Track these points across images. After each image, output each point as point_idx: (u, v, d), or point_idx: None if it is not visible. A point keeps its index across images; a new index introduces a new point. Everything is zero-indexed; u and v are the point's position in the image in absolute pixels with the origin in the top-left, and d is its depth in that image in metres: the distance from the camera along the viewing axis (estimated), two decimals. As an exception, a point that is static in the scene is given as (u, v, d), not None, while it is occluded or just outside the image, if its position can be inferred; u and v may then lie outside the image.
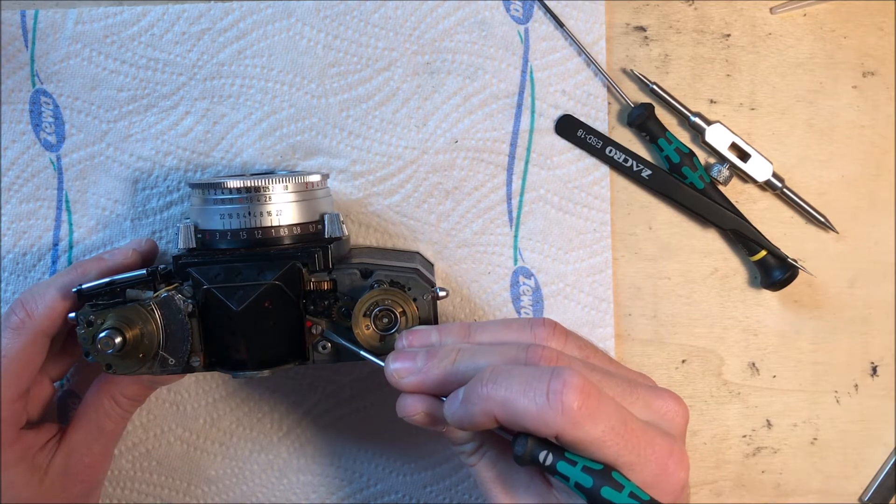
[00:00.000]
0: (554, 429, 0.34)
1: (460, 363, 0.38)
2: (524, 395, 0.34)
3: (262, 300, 0.41)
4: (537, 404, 0.34)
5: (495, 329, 0.40)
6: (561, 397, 0.34)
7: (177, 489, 0.54)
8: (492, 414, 0.35)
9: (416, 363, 0.39)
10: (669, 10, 0.52)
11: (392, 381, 0.39)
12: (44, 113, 0.51)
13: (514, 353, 0.37)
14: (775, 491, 0.54)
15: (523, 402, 0.34)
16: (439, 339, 0.40)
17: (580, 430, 0.34)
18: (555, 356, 0.37)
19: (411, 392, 0.39)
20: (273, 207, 0.44)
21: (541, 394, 0.34)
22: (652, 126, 0.51)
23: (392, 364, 0.39)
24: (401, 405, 0.39)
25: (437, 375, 0.38)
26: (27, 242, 0.52)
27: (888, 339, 0.54)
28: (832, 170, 0.53)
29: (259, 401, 0.54)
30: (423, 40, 0.51)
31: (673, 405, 0.38)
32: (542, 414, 0.34)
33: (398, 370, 0.39)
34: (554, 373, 0.35)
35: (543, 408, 0.34)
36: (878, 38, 0.52)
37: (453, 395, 0.37)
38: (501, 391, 0.35)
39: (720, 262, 0.53)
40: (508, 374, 0.36)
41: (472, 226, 0.52)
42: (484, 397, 0.35)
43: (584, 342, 0.40)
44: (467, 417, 0.36)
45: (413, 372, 0.39)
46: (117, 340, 0.40)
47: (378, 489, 0.54)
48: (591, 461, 0.34)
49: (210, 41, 0.51)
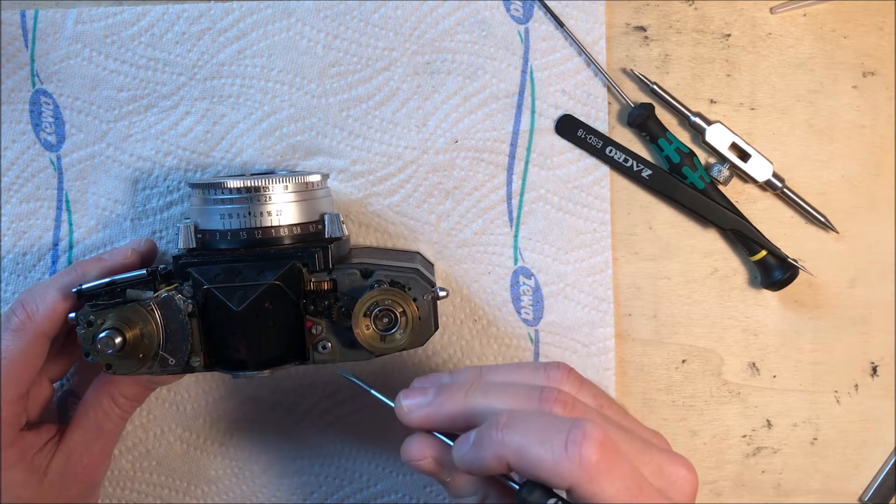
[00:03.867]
0: (569, 481, 0.33)
1: (472, 399, 0.37)
2: (541, 444, 0.33)
3: (262, 300, 0.41)
4: (554, 454, 0.33)
5: (507, 371, 0.39)
6: (580, 449, 0.33)
7: (177, 489, 0.54)
8: (504, 460, 0.34)
9: (426, 397, 0.38)
10: (669, 10, 0.52)
11: (402, 417, 0.39)
12: (44, 113, 0.51)
13: (527, 393, 0.37)
14: (775, 491, 0.54)
15: (539, 451, 0.33)
16: (451, 380, 0.40)
17: (595, 486, 0.33)
18: (571, 402, 0.36)
19: (419, 426, 0.38)
20: (273, 207, 0.44)
21: (559, 444, 0.33)
22: (652, 126, 0.51)
23: (403, 400, 0.39)
24: (407, 449, 0.38)
25: (448, 410, 0.37)
26: (27, 242, 0.52)
27: (888, 339, 0.54)
28: (832, 170, 0.53)
29: (259, 401, 0.54)
30: (423, 40, 0.51)
31: (685, 473, 0.36)
32: (559, 464, 0.33)
33: (409, 406, 0.38)
34: (574, 423, 0.34)
35: (561, 458, 0.33)
36: (878, 38, 0.52)
37: (464, 437, 0.36)
38: (517, 437, 0.34)
39: (720, 262, 0.53)
40: (525, 420, 0.35)
41: (472, 226, 0.52)
42: (498, 442, 0.34)
43: (597, 390, 0.39)
44: (477, 461, 0.35)
45: (423, 406, 0.38)
46: (117, 340, 0.40)
47: (378, 489, 0.54)
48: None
49: (210, 41, 0.51)
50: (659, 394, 0.54)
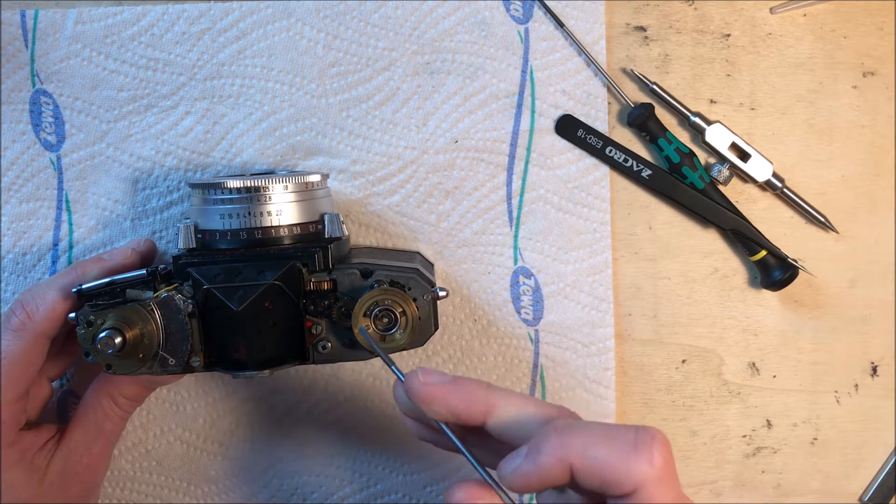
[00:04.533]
0: (637, 481, 0.32)
1: (494, 393, 0.36)
2: (608, 444, 0.33)
3: (262, 300, 0.41)
4: (623, 454, 0.32)
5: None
6: (651, 448, 0.32)
7: (177, 489, 0.54)
8: (568, 463, 0.33)
9: (444, 377, 0.37)
10: (669, 10, 0.52)
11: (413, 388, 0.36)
12: (44, 113, 0.51)
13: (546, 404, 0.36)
14: (775, 491, 0.54)
15: (607, 451, 0.32)
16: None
17: (661, 490, 0.32)
18: None
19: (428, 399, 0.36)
20: (273, 207, 0.44)
21: (628, 444, 0.32)
22: (652, 126, 0.51)
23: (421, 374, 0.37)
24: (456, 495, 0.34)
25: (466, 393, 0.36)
26: (27, 242, 0.52)
27: (888, 339, 0.54)
28: (832, 170, 0.53)
29: (259, 401, 0.54)
30: (423, 40, 0.51)
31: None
32: (628, 462, 0.32)
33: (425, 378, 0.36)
34: (639, 427, 0.33)
35: (630, 456, 0.32)
36: (878, 38, 0.52)
37: (514, 453, 0.34)
38: (581, 438, 0.33)
39: (720, 262, 0.53)
40: (586, 425, 0.34)
41: (472, 226, 0.52)
42: (560, 445, 0.33)
43: None
44: (536, 470, 0.33)
45: (440, 383, 0.36)
46: (117, 340, 0.40)
47: (378, 489, 0.54)
48: None
49: (210, 41, 0.51)
50: (659, 394, 0.54)
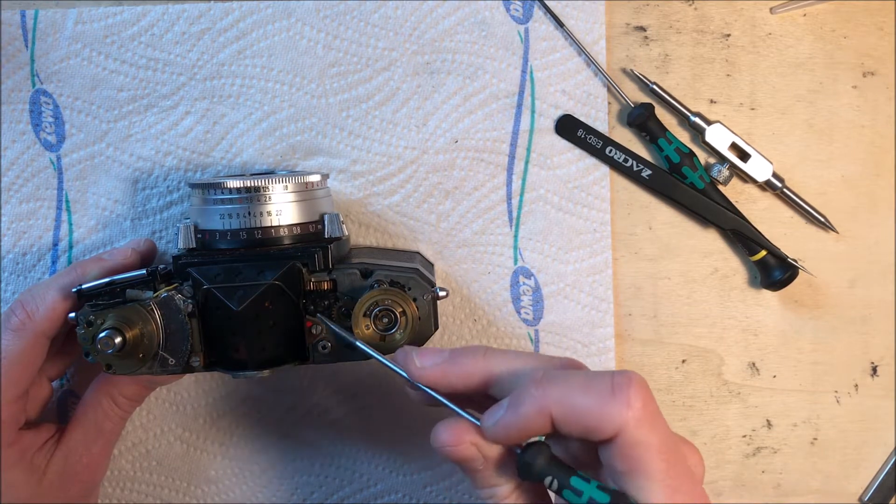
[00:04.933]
0: (618, 424, 0.32)
1: (490, 359, 0.36)
2: (586, 392, 0.33)
3: (262, 300, 0.41)
4: (601, 399, 0.32)
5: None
6: (627, 392, 0.33)
7: (177, 489, 0.54)
8: (548, 412, 0.33)
9: (441, 355, 0.37)
10: (669, 10, 0.52)
11: (413, 373, 0.37)
12: (44, 113, 0.51)
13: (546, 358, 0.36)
14: (775, 491, 0.54)
15: (585, 399, 0.33)
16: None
17: (642, 430, 0.32)
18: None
19: (432, 382, 0.36)
20: (273, 207, 0.44)
21: (605, 389, 0.33)
22: (652, 126, 0.51)
23: (416, 358, 0.37)
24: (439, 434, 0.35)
25: (465, 367, 0.36)
26: (27, 242, 0.52)
27: (888, 339, 0.54)
28: (832, 170, 0.53)
29: (259, 401, 0.54)
30: (423, 40, 0.51)
31: (697, 456, 0.36)
32: (607, 408, 0.32)
33: (422, 362, 0.36)
34: (616, 372, 0.33)
35: (608, 402, 0.32)
36: (878, 38, 0.52)
37: (496, 405, 0.35)
38: (559, 389, 0.33)
39: (720, 262, 0.53)
40: (564, 374, 0.34)
41: (472, 226, 0.52)
42: (539, 395, 0.33)
43: None
44: (516, 422, 0.34)
45: (437, 363, 0.36)
46: (117, 340, 0.40)
47: (378, 489, 0.54)
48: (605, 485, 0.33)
49: (210, 41, 0.51)
50: (659, 394, 0.54)
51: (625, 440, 0.33)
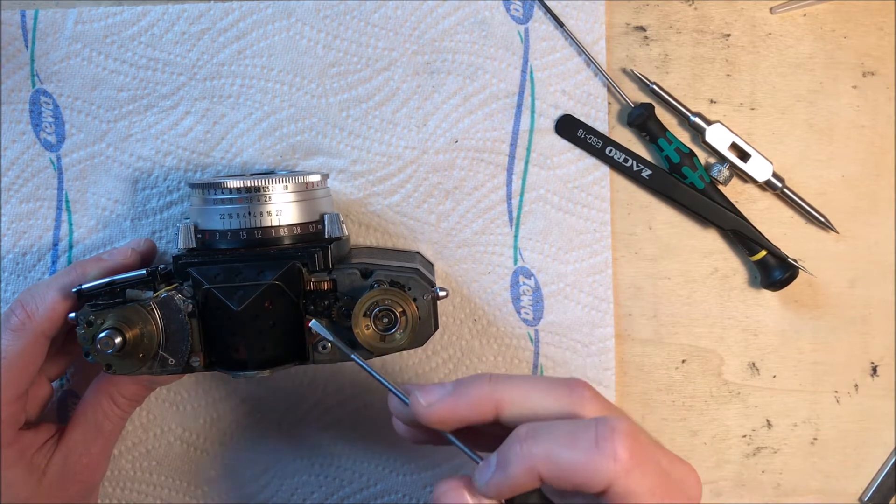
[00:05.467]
0: (606, 478, 0.32)
1: (497, 386, 0.36)
2: (571, 447, 0.33)
3: (262, 300, 0.41)
4: (587, 454, 0.32)
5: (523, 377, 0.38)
6: (611, 443, 0.32)
7: (177, 489, 0.54)
8: (535, 471, 0.33)
9: (445, 389, 0.36)
10: (669, 10, 0.52)
11: (419, 413, 0.36)
12: (44, 113, 0.51)
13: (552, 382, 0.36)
14: (775, 491, 0.54)
15: (570, 454, 0.32)
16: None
17: (632, 480, 0.32)
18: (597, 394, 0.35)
19: (439, 421, 0.36)
20: (273, 207, 0.44)
21: (589, 442, 0.32)
22: (652, 126, 0.51)
23: (421, 396, 0.36)
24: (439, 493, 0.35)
25: (472, 399, 0.36)
26: (27, 242, 0.52)
27: (888, 339, 0.54)
28: (832, 170, 0.53)
29: (259, 401, 0.54)
30: (423, 40, 0.51)
31: (693, 477, 0.36)
32: (593, 462, 0.32)
33: (428, 400, 0.36)
34: (599, 421, 0.33)
35: (593, 456, 0.32)
36: (878, 38, 0.52)
37: (483, 464, 0.35)
38: (543, 445, 0.33)
39: (720, 262, 0.53)
40: (547, 427, 0.34)
41: (472, 226, 0.52)
42: (524, 455, 0.33)
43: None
44: (507, 481, 0.33)
45: (443, 398, 0.36)
46: (117, 340, 0.40)
47: (378, 489, 0.54)
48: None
49: (210, 41, 0.51)
50: (659, 394, 0.54)
51: (616, 492, 0.32)
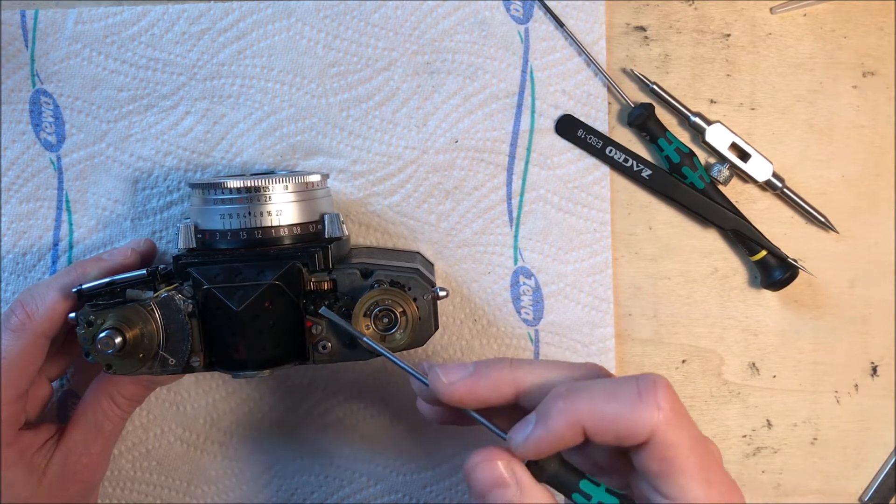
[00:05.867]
0: (650, 426, 0.33)
1: (518, 369, 0.36)
2: (613, 399, 0.33)
3: (262, 300, 0.41)
4: (631, 405, 0.33)
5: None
6: (654, 395, 0.33)
7: (177, 489, 0.54)
8: (579, 424, 0.33)
9: (466, 369, 0.36)
10: (669, 10, 0.52)
11: (440, 391, 0.36)
12: (44, 113, 0.51)
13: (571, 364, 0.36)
14: (775, 491, 0.54)
15: (614, 406, 0.33)
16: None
17: (673, 431, 0.33)
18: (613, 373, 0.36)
19: (460, 399, 0.36)
20: (273, 207, 0.44)
21: (632, 395, 0.33)
22: (652, 126, 0.51)
23: (442, 375, 0.36)
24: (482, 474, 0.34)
25: (493, 380, 0.36)
26: (27, 242, 0.52)
27: (888, 339, 0.54)
28: (832, 170, 0.53)
29: (259, 401, 0.54)
30: (423, 40, 0.51)
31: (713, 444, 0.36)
32: (637, 412, 0.33)
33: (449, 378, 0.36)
34: (638, 377, 0.34)
35: (637, 406, 0.33)
36: (878, 38, 0.52)
37: (520, 424, 0.35)
38: (585, 399, 0.33)
39: (720, 262, 0.53)
40: (587, 385, 0.34)
41: (472, 226, 0.52)
42: (567, 409, 0.33)
43: None
44: (548, 435, 0.34)
45: (464, 377, 0.36)
46: (117, 340, 0.40)
47: (378, 489, 0.54)
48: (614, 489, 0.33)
49: (210, 41, 0.51)
50: (659, 394, 0.54)
51: (657, 442, 0.33)
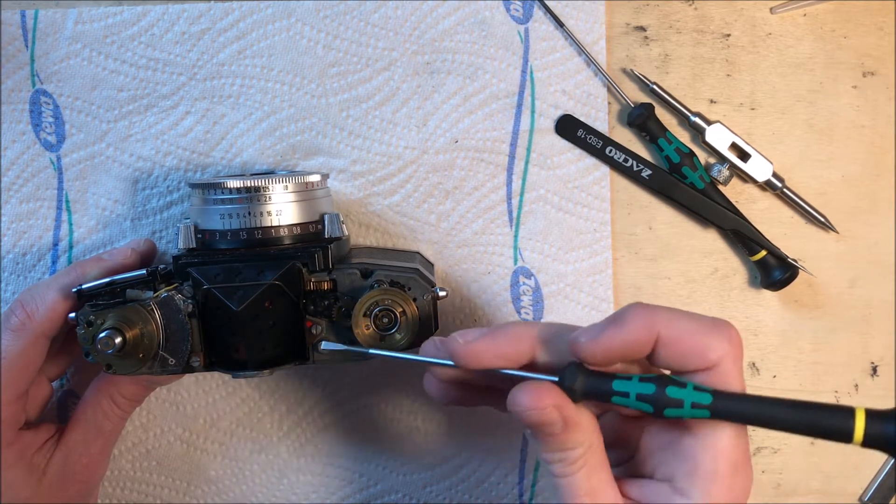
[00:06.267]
0: (719, 354, 0.33)
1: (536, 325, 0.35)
2: (692, 320, 0.34)
3: (262, 300, 0.41)
4: (707, 327, 0.33)
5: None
6: (729, 330, 0.34)
7: (177, 489, 0.54)
8: (655, 332, 0.33)
9: (482, 330, 0.35)
10: (669, 10, 0.52)
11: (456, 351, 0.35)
12: (44, 113, 0.51)
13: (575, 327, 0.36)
14: (775, 491, 0.54)
15: (693, 323, 0.34)
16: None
17: (737, 366, 0.34)
18: None
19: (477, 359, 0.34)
20: (273, 207, 0.44)
21: (708, 321, 0.34)
22: (652, 126, 0.51)
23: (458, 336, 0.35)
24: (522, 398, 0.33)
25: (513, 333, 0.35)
26: (27, 242, 0.52)
27: (888, 339, 0.54)
28: (832, 170, 0.53)
29: (259, 401, 0.54)
30: (423, 40, 0.51)
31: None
32: (711, 336, 0.33)
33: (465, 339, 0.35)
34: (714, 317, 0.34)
35: (712, 331, 0.33)
36: (878, 38, 0.52)
37: (590, 325, 0.34)
38: (664, 312, 0.34)
39: (720, 262, 0.53)
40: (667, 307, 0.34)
41: (472, 226, 0.52)
42: (646, 314, 0.33)
43: None
44: (621, 337, 0.33)
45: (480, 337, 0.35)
46: (117, 340, 0.40)
47: (378, 489, 0.54)
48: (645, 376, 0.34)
49: (210, 41, 0.51)
50: (659, 394, 0.54)
51: (723, 370, 0.33)
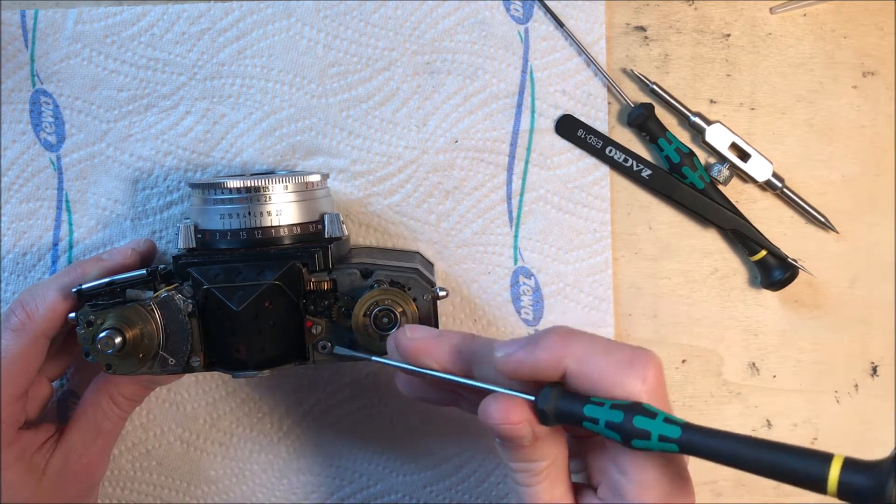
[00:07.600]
0: (630, 394, 0.33)
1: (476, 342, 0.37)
2: (606, 355, 0.33)
3: (262, 300, 0.41)
4: (621, 367, 0.33)
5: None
6: (644, 367, 0.33)
7: (177, 489, 0.54)
8: (562, 364, 0.33)
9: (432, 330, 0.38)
10: (669, 10, 0.52)
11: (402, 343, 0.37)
12: (44, 113, 0.51)
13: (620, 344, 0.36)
14: (775, 491, 0.54)
15: (605, 360, 0.33)
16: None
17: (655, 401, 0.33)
18: None
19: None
20: (273, 207, 0.44)
21: (624, 358, 0.33)
22: (652, 126, 0.51)
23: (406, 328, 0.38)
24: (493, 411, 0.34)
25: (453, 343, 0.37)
26: (27, 242, 0.52)
27: (888, 339, 0.54)
28: (832, 170, 0.53)
29: (259, 401, 0.54)
30: (423, 40, 0.51)
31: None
32: (622, 375, 0.33)
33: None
34: (637, 348, 0.34)
35: (625, 370, 0.33)
36: (878, 38, 0.52)
37: (511, 340, 0.35)
38: (580, 344, 0.33)
39: (720, 262, 0.53)
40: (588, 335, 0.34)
41: (472, 226, 0.52)
42: (559, 345, 0.33)
43: None
44: (529, 361, 0.34)
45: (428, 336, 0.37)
46: (117, 340, 0.40)
47: (378, 489, 0.54)
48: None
49: (210, 41, 0.51)
50: (659, 394, 0.54)
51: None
